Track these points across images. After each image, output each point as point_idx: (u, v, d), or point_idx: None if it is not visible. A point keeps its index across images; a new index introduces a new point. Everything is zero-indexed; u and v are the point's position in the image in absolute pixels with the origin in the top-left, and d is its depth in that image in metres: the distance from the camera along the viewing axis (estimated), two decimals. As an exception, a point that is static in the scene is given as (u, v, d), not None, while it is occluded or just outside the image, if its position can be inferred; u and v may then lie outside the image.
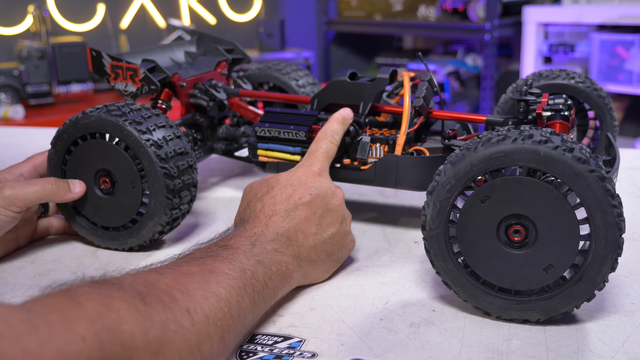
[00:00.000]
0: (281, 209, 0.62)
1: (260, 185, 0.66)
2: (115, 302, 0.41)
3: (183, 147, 0.70)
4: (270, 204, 0.62)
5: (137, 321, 0.41)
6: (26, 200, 0.66)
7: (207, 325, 0.46)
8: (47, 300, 0.39)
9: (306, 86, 0.96)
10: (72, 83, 2.67)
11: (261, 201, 0.63)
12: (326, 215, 0.63)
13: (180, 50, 0.91)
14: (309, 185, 0.64)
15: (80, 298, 0.40)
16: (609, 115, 0.80)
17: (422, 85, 0.73)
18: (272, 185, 0.64)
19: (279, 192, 0.63)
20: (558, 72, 0.82)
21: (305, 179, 0.65)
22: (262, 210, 0.62)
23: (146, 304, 0.43)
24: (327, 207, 0.63)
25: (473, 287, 0.56)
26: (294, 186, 0.64)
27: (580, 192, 0.50)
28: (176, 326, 0.44)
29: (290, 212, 0.61)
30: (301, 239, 0.61)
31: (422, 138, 0.76)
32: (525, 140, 0.51)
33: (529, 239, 0.53)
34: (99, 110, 0.69)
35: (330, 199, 0.64)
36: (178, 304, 0.45)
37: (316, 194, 0.63)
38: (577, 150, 0.51)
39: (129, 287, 0.44)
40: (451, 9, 2.81)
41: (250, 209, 0.63)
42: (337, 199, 0.65)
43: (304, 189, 0.63)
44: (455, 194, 0.54)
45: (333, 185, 0.66)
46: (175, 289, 0.46)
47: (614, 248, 0.51)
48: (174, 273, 0.49)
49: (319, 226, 0.62)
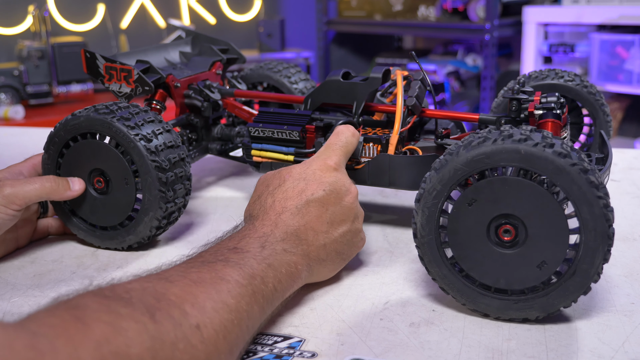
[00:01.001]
0: (292, 205, 0.60)
1: (273, 177, 0.64)
2: (124, 322, 0.40)
3: (173, 140, 0.69)
4: (281, 199, 0.61)
5: (145, 343, 0.40)
6: (26, 198, 0.66)
7: (216, 341, 0.45)
8: (54, 321, 0.38)
9: (299, 82, 0.96)
10: (72, 83, 2.67)
11: (272, 195, 0.61)
12: (338, 213, 0.61)
13: (175, 50, 0.91)
14: (323, 180, 0.62)
15: (87, 319, 0.39)
16: (601, 111, 0.80)
17: (415, 85, 0.73)
18: (284, 178, 0.63)
19: (290, 186, 0.61)
20: (547, 73, 0.82)
21: (320, 174, 0.62)
22: (272, 207, 0.60)
23: (156, 321, 0.42)
24: (339, 204, 0.62)
25: (470, 291, 0.56)
26: (307, 180, 0.62)
27: (565, 186, 0.50)
28: (185, 345, 0.43)
29: (301, 209, 0.60)
30: (311, 237, 0.59)
31: (416, 137, 0.76)
32: (505, 140, 0.51)
33: (520, 238, 0.53)
34: (88, 110, 0.69)
35: (343, 196, 0.62)
36: (188, 320, 0.44)
37: (329, 190, 0.61)
38: (558, 146, 0.51)
39: (139, 302, 0.43)
40: (451, 9, 2.81)
41: (261, 203, 0.62)
42: (351, 196, 0.63)
43: (317, 184, 0.61)
44: (442, 200, 0.54)
45: (348, 181, 0.64)
46: (185, 300, 0.45)
47: (604, 239, 0.51)
48: (183, 281, 0.48)
49: (330, 224, 0.61)
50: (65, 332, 0.37)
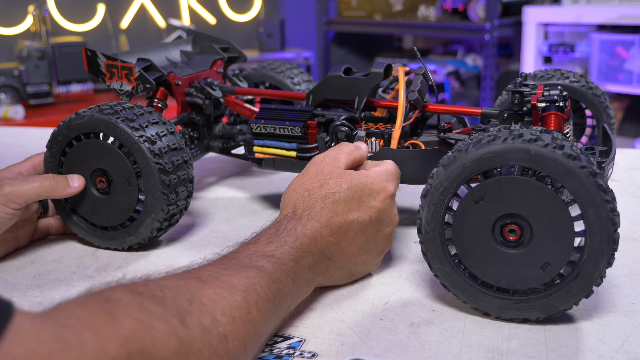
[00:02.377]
0: (335, 222, 0.59)
1: (331, 175, 0.62)
2: (154, 322, 0.40)
3: (177, 142, 0.70)
4: (329, 211, 0.59)
5: (172, 346, 0.40)
6: (25, 197, 0.66)
7: (239, 353, 0.45)
8: (82, 313, 0.38)
9: (301, 83, 0.96)
10: (72, 83, 2.67)
11: (323, 201, 0.60)
12: (372, 241, 0.61)
13: (176, 49, 0.91)
14: (374, 205, 0.61)
15: (117, 313, 0.39)
16: (605, 113, 0.80)
17: (416, 79, 0.73)
18: (342, 187, 0.60)
19: (344, 200, 0.60)
20: (552, 72, 0.82)
21: (376, 198, 0.61)
22: (319, 214, 0.59)
23: (186, 326, 0.42)
24: (377, 234, 0.62)
25: (471, 289, 0.56)
26: (360, 200, 0.60)
27: (573, 188, 0.50)
28: (211, 354, 0.43)
29: (342, 228, 0.59)
30: (336, 258, 0.60)
31: (418, 132, 0.76)
32: (515, 139, 0.51)
33: (525, 238, 0.53)
34: (92, 110, 0.69)
35: (385, 227, 0.62)
36: (217, 329, 0.44)
37: (375, 219, 0.61)
38: (568, 147, 0.51)
39: (171, 302, 0.43)
40: (451, 9, 2.81)
41: (308, 203, 0.60)
42: (391, 228, 0.63)
43: (367, 209, 0.60)
44: (448, 196, 0.54)
45: (395, 213, 0.63)
46: (217, 307, 0.45)
47: (609, 243, 0.51)
48: (216, 283, 0.47)
49: (359, 250, 0.61)
50: (93, 325, 0.37)
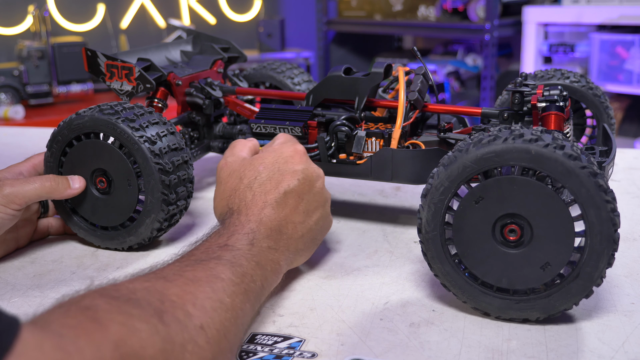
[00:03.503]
0: (272, 199, 0.61)
1: (243, 167, 0.64)
2: (136, 323, 0.40)
3: (177, 143, 0.70)
4: (260, 193, 0.61)
5: (157, 345, 0.41)
6: (25, 197, 0.66)
7: (219, 340, 0.46)
8: (72, 322, 0.38)
9: (302, 83, 0.96)
10: (72, 83, 2.67)
11: (250, 189, 0.62)
12: (312, 201, 0.63)
13: (176, 49, 0.91)
14: (295, 168, 0.63)
15: (101, 319, 0.39)
16: (605, 114, 0.80)
17: (416, 79, 0.73)
18: (258, 170, 0.63)
19: (267, 179, 0.62)
20: (553, 72, 0.82)
21: (292, 162, 0.64)
22: (253, 201, 0.61)
23: (165, 323, 0.42)
24: (312, 191, 0.63)
25: (471, 288, 0.56)
26: (281, 171, 0.63)
27: (573, 189, 0.50)
28: (193, 346, 0.43)
29: (280, 202, 0.61)
30: (291, 230, 0.61)
31: (418, 132, 0.76)
32: (515, 139, 0.51)
33: (525, 238, 0.53)
34: (92, 110, 0.69)
35: (314, 182, 0.64)
36: (192, 321, 0.45)
37: (302, 178, 0.63)
38: (568, 148, 0.51)
39: (146, 303, 0.43)
40: (451, 9, 2.81)
41: (239, 197, 0.62)
42: (321, 181, 0.65)
43: (291, 174, 0.62)
44: (449, 196, 0.54)
45: (315, 166, 0.65)
46: (187, 301, 0.46)
47: (610, 243, 0.51)
48: (181, 280, 0.48)
49: (305, 213, 0.62)
50: (85, 333, 0.38)
